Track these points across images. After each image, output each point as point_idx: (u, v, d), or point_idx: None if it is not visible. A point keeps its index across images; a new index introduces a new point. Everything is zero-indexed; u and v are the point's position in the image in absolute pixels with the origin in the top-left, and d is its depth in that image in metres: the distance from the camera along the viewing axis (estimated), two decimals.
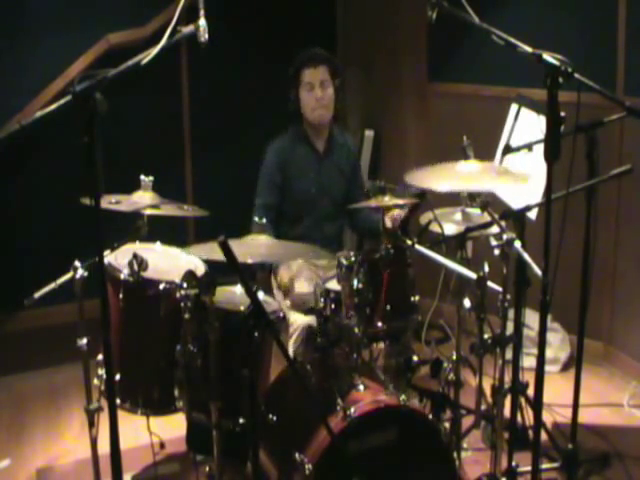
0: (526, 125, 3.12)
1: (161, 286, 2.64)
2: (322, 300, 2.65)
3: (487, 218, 2.67)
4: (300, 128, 3.43)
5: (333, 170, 3.48)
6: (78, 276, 2.53)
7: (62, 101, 2.00)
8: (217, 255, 1.95)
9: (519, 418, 3.00)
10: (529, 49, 2.14)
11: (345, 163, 3.52)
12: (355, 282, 2.56)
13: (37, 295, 2.56)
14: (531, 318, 2.91)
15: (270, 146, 3.44)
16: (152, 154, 4.42)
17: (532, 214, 2.83)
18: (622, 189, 3.77)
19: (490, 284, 2.59)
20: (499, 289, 2.54)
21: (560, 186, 2.30)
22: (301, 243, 3.20)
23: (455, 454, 2.69)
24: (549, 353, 3.81)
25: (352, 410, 2.35)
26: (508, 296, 2.52)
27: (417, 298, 2.69)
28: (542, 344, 2.24)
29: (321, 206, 3.45)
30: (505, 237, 2.43)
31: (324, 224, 3.47)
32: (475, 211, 3.04)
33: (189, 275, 2.50)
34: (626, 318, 3.87)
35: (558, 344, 3.93)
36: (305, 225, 3.42)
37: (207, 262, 2.82)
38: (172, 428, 3.09)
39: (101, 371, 2.66)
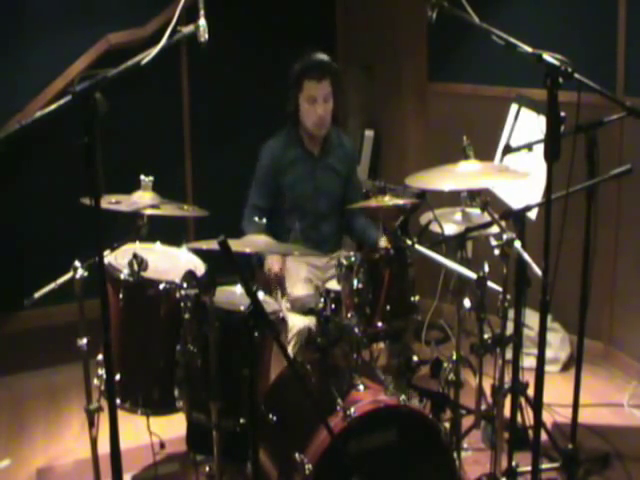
0: (526, 125, 3.12)
1: (161, 286, 2.64)
2: (322, 300, 2.65)
3: (487, 218, 2.67)
4: (296, 130, 3.40)
5: (328, 171, 3.45)
6: (78, 276, 2.53)
7: (62, 101, 2.00)
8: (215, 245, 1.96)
9: (519, 418, 3.00)
10: (529, 49, 2.14)
11: (341, 164, 3.49)
12: (355, 282, 2.56)
13: (37, 295, 2.56)
14: (531, 318, 2.91)
15: (264, 147, 3.42)
16: (152, 154, 4.42)
17: (532, 214, 2.83)
18: (622, 189, 3.76)
19: (490, 284, 2.59)
20: (499, 289, 2.54)
21: (560, 186, 2.30)
22: (296, 244, 3.20)
23: (455, 454, 2.69)
24: (549, 353, 3.80)
25: (352, 410, 2.34)
26: (508, 296, 2.51)
27: (417, 298, 2.68)
28: (542, 344, 2.24)
29: (318, 206, 3.43)
30: (505, 237, 2.43)
31: (321, 224, 3.45)
32: (475, 211, 3.04)
33: (189, 275, 2.51)
34: (626, 318, 3.86)
35: (558, 344, 3.93)
36: (302, 225, 3.41)
37: (207, 259, 2.83)
38: (172, 428, 3.09)
39: (101, 371, 2.66)
